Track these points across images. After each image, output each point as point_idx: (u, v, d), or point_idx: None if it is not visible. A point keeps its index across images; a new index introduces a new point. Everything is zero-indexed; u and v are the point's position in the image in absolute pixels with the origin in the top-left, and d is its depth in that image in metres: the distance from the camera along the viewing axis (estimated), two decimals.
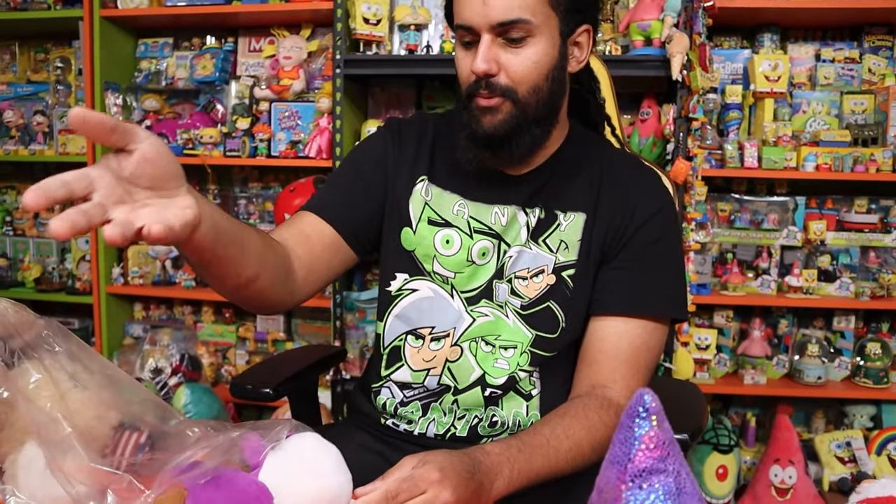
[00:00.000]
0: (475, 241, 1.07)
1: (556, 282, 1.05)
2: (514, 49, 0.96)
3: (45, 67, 2.87)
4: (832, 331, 2.48)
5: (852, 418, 2.43)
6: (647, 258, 1.04)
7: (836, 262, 2.42)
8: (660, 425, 0.48)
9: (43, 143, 2.70)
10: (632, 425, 0.49)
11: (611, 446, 0.50)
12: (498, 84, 0.97)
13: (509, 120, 0.99)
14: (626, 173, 1.09)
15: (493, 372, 1.05)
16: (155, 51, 2.69)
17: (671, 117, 2.07)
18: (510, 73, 0.97)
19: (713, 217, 2.45)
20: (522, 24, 0.94)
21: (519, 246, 1.06)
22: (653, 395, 0.49)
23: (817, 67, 2.44)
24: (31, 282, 2.73)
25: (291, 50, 2.48)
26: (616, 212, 1.05)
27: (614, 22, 2.24)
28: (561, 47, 1.00)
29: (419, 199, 1.10)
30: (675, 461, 0.48)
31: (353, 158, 1.15)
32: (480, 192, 1.08)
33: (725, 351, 2.47)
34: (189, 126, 2.55)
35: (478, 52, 0.96)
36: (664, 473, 0.48)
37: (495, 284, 1.07)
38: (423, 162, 1.11)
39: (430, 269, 1.08)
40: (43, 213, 2.84)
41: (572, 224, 1.06)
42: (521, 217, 1.07)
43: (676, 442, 0.49)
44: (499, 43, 0.96)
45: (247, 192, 2.73)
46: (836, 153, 2.26)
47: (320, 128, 2.37)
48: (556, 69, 1.00)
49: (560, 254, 1.06)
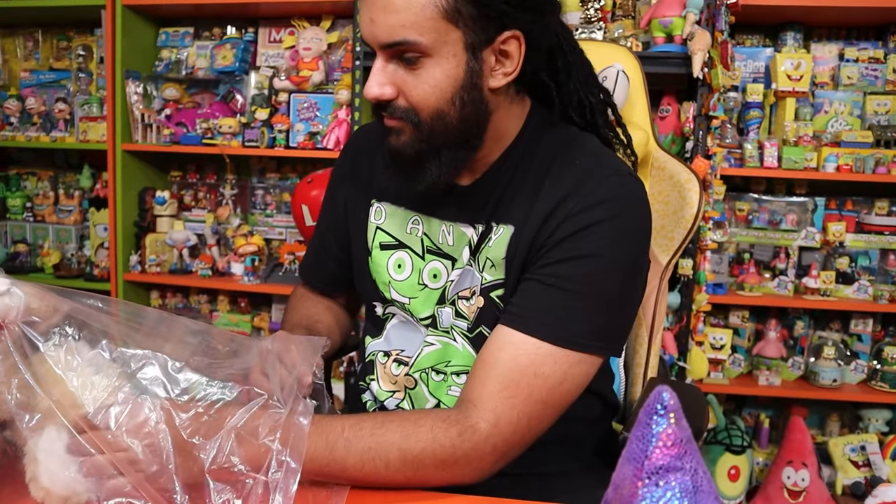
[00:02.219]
0: (427, 262, 1.00)
1: (485, 304, 0.95)
2: (411, 71, 0.85)
3: (67, 55, 2.90)
4: (849, 334, 2.46)
5: (867, 422, 2.41)
6: (562, 273, 0.86)
7: (854, 264, 2.40)
8: (678, 423, 0.48)
9: (64, 131, 2.73)
10: (649, 422, 0.48)
11: (628, 443, 0.50)
12: (398, 107, 0.87)
13: (412, 143, 0.89)
14: (572, 179, 0.89)
15: (448, 401, 0.98)
16: (176, 40, 2.71)
17: (691, 115, 2.05)
18: (408, 97, 0.86)
19: (731, 216, 2.44)
20: (410, 44, 0.82)
21: (461, 266, 0.97)
22: (671, 393, 0.49)
23: (840, 67, 2.41)
24: (50, 268, 2.77)
25: (311, 41, 2.49)
26: (542, 222, 0.89)
27: (635, 18, 2.22)
28: (471, 63, 0.85)
29: (372, 225, 1.05)
30: (692, 459, 0.48)
31: (325, 201, 1.18)
32: (431, 206, 0.99)
33: (740, 351, 2.46)
34: (208, 116, 2.56)
35: (370, 75, 0.87)
36: (681, 471, 0.48)
37: (437, 310, 1.00)
38: (373, 184, 1.06)
39: (389, 296, 1.03)
40: (63, 200, 2.87)
41: (499, 239, 0.93)
42: (468, 232, 0.96)
43: (694, 440, 0.49)
44: (396, 64, 0.86)
45: (264, 183, 2.74)
46: (858, 154, 2.24)
47: (339, 119, 2.38)
48: (464, 90, 0.85)
49: (486, 272, 0.94)
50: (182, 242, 2.62)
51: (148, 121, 2.56)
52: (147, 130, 2.57)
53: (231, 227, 2.68)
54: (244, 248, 2.56)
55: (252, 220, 2.75)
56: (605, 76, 1.45)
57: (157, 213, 2.65)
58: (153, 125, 2.57)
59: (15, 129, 2.77)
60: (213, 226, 2.68)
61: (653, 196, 1.46)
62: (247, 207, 2.77)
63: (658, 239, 1.45)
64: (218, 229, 2.69)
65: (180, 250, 2.63)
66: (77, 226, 2.85)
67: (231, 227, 2.68)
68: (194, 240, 2.66)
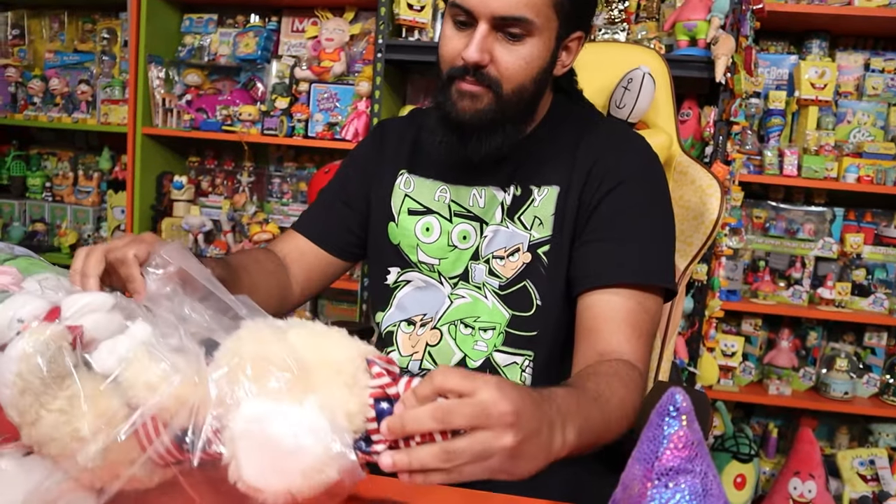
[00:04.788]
0: (455, 224, 1.07)
1: (531, 259, 1.03)
2: (509, 45, 0.94)
3: (91, 38, 2.92)
4: (862, 346, 2.44)
5: (878, 436, 2.39)
6: (617, 226, 0.98)
7: (871, 276, 2.38)
8: (689, 425, 0.48)
9: (86, 112, 2.75)
10: (661, 423, 0.48)
11: (638, 443, 0.50)
12: (487, 75, 0.95)
13: (487, 112, 0.96)
14: (604, 142, 1.03)
15: (473, 354, 1.03)
16: (199, 26, 2.72)
17: (711, 120, 2.04)
18: (500, 67, 0.95)
19: (748, 223, 2.42)
20: (524, 22, 0.92)
21: (495, 225, 1.04)
22: (684, 395, 0.48)
23: (865, 77, 2.39)
24: (67, 248, 2.79)
25: (334, 32, 2.49)
26: (586, 181, 1.01)
27: (659, 20, 2.21)
28: (554, 50, 0.98)
29: (399, 192, 1.11)
30: (702, 462, 0.48)
31: (340, 170, 1.21)
32: (461, 174, 1.07)
33: (752, 359, 2.44)
34: (229, 103, 2.57)
35: (472, 39, 0.93)
36: (691, 474, 0.48)
37: (471, 266, 1.06)
38: (403, 156, 1.13)
39: (415, 259, 1.09)
40: (82, 181, 2.90)
41: (546, 198, 1.02)
42: (499, 195, 1.05)
43: (705, 443, 0.49)
44: (495, 35, 0.94)
45: (282, 172, 2.75)
46: (879, 166, 2.21)
47: (358, 111, 2.38)
48: (544, 71, 0.98)
49: (535, 230, 1.03)
50: (198, 228, 2.64)
51: (168, 105, 2.57)
52: (167, 115, 2.58)
53: (247, 214, 2.69)
54: (259, 236, 2.57)
55: (268, 208, 2.76)
56: (630, 78, 1.44)
57: (173, 198, 2.67)
58: (174, 110, 2.58)
59: (38, 109, 2.79)
60: (229, 212, 2.69)
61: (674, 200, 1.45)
62: (263, 195, 2.78)
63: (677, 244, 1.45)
64: (234, 216, 2.70)
65: (195, 235, 2.65)
66: (95, 207, 2.87)
67: (247, 214, 2.69)
68: (210, 225, 2.67)
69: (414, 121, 1.18)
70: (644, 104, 1.44)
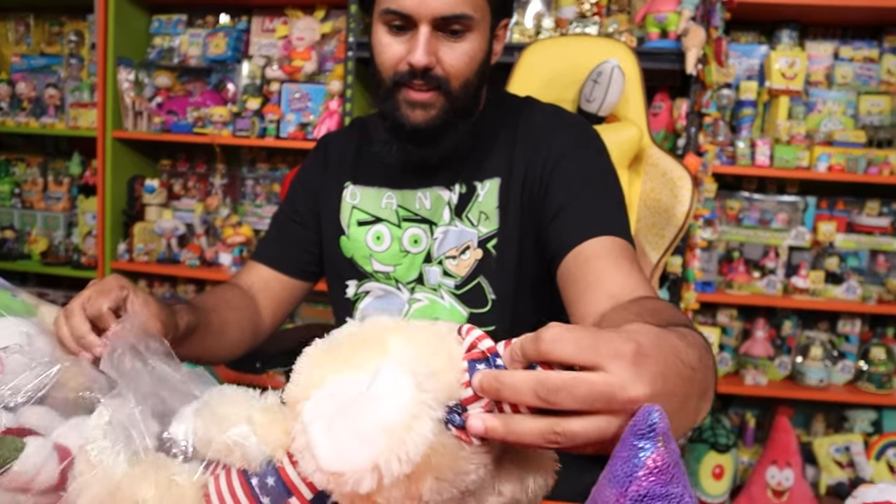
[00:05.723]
0: (404, 229, 1.07)
1: (483, 255, 1.04)
2: (451, 42, 0.95)
3: (58, 40, 2.87)
4: (836, 334, 2.46)
5: (853, 423, 2.41)
6: (574, 193, 0.97)
7: (843, 264, 2.40)
8: (666, 446, 0.44)
9: (54, 116, 2.70)
10: (636, 444, 0.44)
11: (611, 462, 0.45)
12: (435, 76, 0.95)
13: (441, 115, 0.97)
14: (539, 126, 1.04)
15: None
16: (169, 27, 2.69)
17: (683, 112, 2.05)
18: (446, 66, 0.95)
19: (721, 214, 2.43)
20: (465, 18, 0.93)
21: (444, 226, 1.05)
22: (661, 413, 0.44)
23: (835, 66, 2.41)
24: (38, 255, 2.75)
25: (305, 31, 2.47)
26: (527, 169, 1.02)
27: (630, 13, 2.21)
28: (490, 41, 1.01)
29: (347, 205, 1.11)
30: (678, 485, 0.45)
31: (289, 191, 1.21)
32: (405, 178, 1.07)
33: (728, 350, 2.46)
34: (199, 104, 2.54)
35: (417, 43, 0.93)
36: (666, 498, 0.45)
37: (424, 269, 1.06)
38: (346, 168, 1.13)
39: (370, 269, 1.09)
40: (52, 187, 2.85)
41: (489, 192, 1.03)
42: (445, 195, 1.05)
43: (682, 463, 0.46)
44: (436, 35, 0.94)
45: (254, 173, 2.72)
46: (850, 154, 2.23)
47: (330, 110, 2.36)
48: (484, 63, 1.00)
49: (482, 225, 1.03)
50: (170, 231, 2.61)
51: (139, 108, 2.54)
52: (138, 118, 2.55)
53: (220, 216, 2.66)
54: (233, 239, 2.54)
55: (241, 211, 2.73)
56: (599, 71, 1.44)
57: (146, 202, 2.64)
58: (144, 113, 2.55)
59: (5, 114, 2.74)
60: (202, 215, 2.66)
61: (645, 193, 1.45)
62: (236, 197, 2.75)
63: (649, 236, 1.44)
64: (207, 219, 2.67)
65: (168, 239, 2.62)
66: (65, 213, 2.82)
67: (220, 216, 2.66)
68: (183, 229, 2.64)
69: (354, 130, 1.19)
70: (614, 97, 1.43)
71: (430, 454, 0.45)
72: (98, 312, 0.77)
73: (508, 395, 0.46)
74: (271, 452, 0.53)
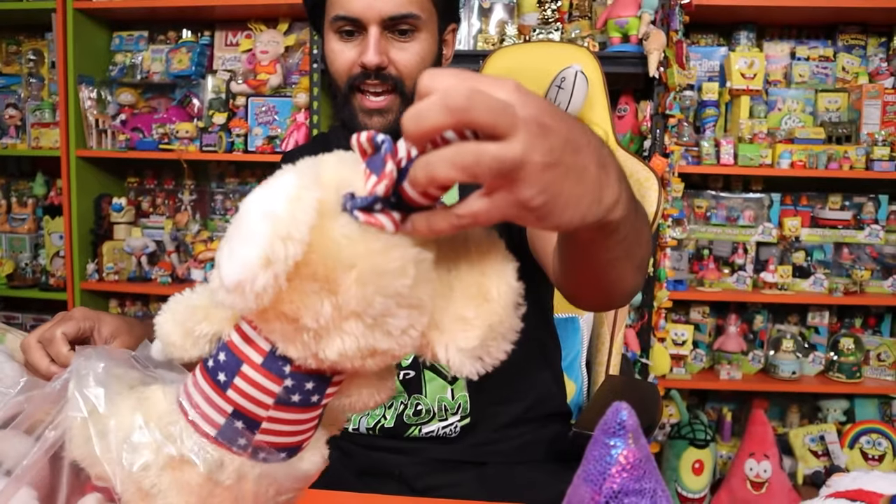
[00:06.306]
0: None
1: None
2: (401, 43, 0.97)
3: (17, 60, 2.82)
4: (806, 326, 2.51)
5: (826, 412, 2.46)
6: None
7: (810, 258, 2.45)
8: (636, 442, 0.46)
9: (15, 137, 2.66)
10: (607, 443, 0.46)
11: (584, 461, 0.48)
12: (389, 75, 0.97)
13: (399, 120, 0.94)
14: None
15: None
16: (130, 44, 2.66)
17: (648, 114, 2.08)
18: (399, 66, 0.97)
19: (689, 213, 2.47)
20: (412, 17, 0.95)
21: None
22: (630, 411, 0.46)
23: (792, 65, 2.47)
24: (4, 278, 2.69)
25: (268, 44, 2.46)
26: None
27: (592, 19, 2.24)
28: (439, 43, 1.03)
29: None
30: (651, 479, 0.46)
31: None
32: None
33: (702, 346, 2.49)
34: (165, 121, 2.52)
35: (367, 44, 0.95)
36: (639, 493, 0.46)
37: None
38: None
39: None
40: (15, 208, 2.80)
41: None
42: None
43: (653, 458, 0.48)
44: (385, 36, 0.96)
45: (223, 188, 2.70)
46: (811, 150, 2.28)
47: (297, 123, 2.35)
48: (435, 65, 1.01)
49: None
50: (140, 250, 2.57)
51: (103, 126, 2.50)
52: (102, 136, 2.51)
53: (190, 233, 2.63)
54: (204, 255, 2.52)
55: (212, 226, 2.71)
56: (563, 77, 1.46)
57: (113, 220, 2.60)
58: (108, 131, 2.51)
59: None
60: (172, 232, 2.63)
61: None
62: (206, 213, 2.72)
63: None
64: (177, 235, 2.64)
65: (139, 258, 2.58)
66: (31, 234, 2.77)
67: (190, 233, 2.63)
68: (153, 247, 2.61)
69: (317, 144, 1.18)
70: (578, 102, 1.45)
71: (328, 242, 0.43)
72: (51, 337, 0.75)
73: (423, 124, 0.43)
74: (220, 329, 0.52)
